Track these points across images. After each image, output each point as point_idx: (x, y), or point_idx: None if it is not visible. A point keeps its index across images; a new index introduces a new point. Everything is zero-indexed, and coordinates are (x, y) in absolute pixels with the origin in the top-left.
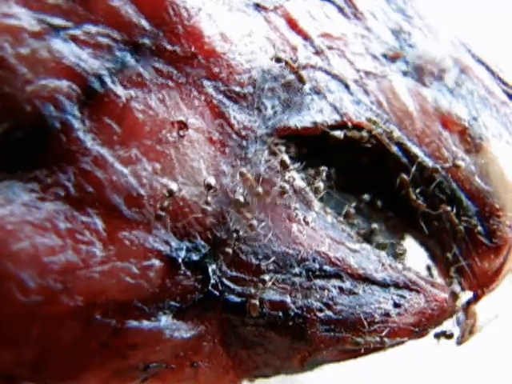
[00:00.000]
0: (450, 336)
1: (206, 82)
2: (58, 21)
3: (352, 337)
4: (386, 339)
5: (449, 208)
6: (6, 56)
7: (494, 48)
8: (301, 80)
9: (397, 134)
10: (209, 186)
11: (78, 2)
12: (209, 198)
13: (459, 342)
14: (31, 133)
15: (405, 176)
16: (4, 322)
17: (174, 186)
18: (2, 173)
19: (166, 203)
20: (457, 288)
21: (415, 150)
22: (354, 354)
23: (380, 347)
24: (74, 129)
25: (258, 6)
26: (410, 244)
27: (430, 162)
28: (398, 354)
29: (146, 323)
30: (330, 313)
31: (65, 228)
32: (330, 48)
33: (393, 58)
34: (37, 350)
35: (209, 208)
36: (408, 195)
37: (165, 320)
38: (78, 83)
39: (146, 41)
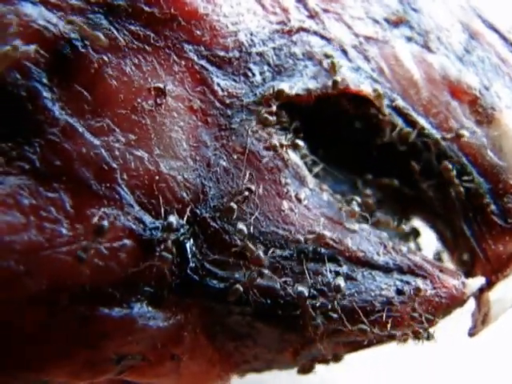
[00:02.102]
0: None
1: (186, 46)
2: None
3: (351, 327)
4: (388, 330)
5: (458, 183)
6: None
7: (506, 13)
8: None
9: (401, 103)
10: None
11: None
12: (188, 173)
13: (471, 334)
14: None
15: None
16: None
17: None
18: None
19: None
20: (468, 274)
21: (421, 120)
22: (354, 346)
23: (382, 339)
24: (41, 97)
25: None
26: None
27: (437, 134)
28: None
29: (117, 310)
30: (324, 300)
31: (29, 204)
32: (325, 11)
33: (396, 23)
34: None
35: (187, 183)
36: (413, 171)
37: (138, 307)
38: (47, 48)
39: (122, 2)
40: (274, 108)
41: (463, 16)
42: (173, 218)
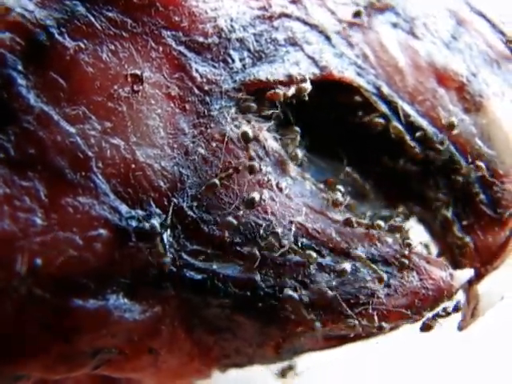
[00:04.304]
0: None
1: (164, 32)
2: None
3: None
4: (376, 323)
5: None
6: None
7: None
8: None
9: (386, 90)
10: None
11: None
12: (165, 161)
13: (460, 327)
14: None
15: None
16: None
17: None
18: None
19: None
20: (457, 265)
21: (406, 108)
22: (339, 341)
23: (370, 332)
24: (16, 85)
25: None
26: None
27: (423, 122)
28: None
29: (91, 302)
30: (306, 292)
31: (2, 193)
32: None
33: (381, 9)
34: None
35: (165, 171)
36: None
37: (113, 299)
38: (22, 35)
39: None
40: (254, 94)
41: (451, 3)
42: (150, 208)
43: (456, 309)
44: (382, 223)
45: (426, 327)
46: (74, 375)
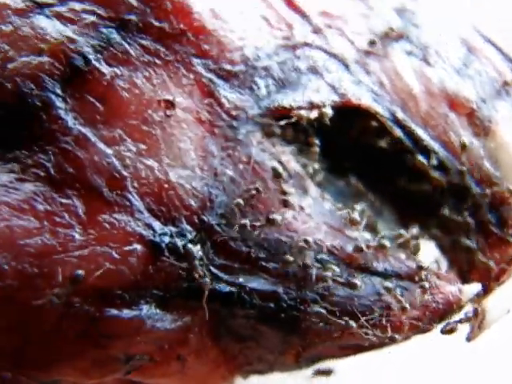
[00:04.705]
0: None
1: (195, 60)
2: None
3: (351, 330)
4: (389, 334)
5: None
6: None
7: (503, 29)
8: None
9: (400, 115)
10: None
11: None
12: (195, 182)
13: (469, 338)
14: (12, 111)
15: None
16: None
17: None
18: None
19: None
20: (465, 280)
21: (420, 132)
22: (354, 350)
23: (383, 342)
24: (55, 107)
25: None
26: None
27: (435, 145)
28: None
29: (126, 312)
30: (325, 304)
31: (43, 210)
32: (328, 26)
33: (396, 38)
34: (15, 339)
35: (195, 191)
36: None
37: (147, 309)
38: (61, 60)
39: (133, 17)
40: (278, 120)
41: (462, 31)
42: (181, 225)
43: (475, 314)
44: (395, 240)
45: (447, 330)
46: (106, 380)
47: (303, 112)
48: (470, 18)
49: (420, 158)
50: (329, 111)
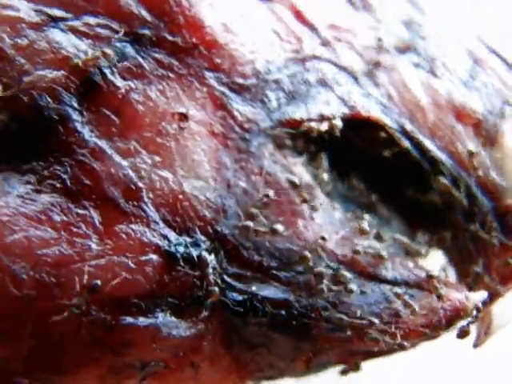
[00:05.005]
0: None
1: (207, 74)
2: (57, 12)
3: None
4: (398, 340)
5: (464, 203)
6: (3, 47)
7: (504, 32)
8: None
9: (408, 127)
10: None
11: None
12: (209, 193)
13: (475, 344)
14: (28, 124)
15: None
16: None
17: None
18: None
19: None
20: (472, 288)
21: (427, 143)
22: (364, 355)
23: (392, 349)
24: (71, 120)
25: None
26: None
27: (442, 156)
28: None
29: (142, 320)
30: (335, 312)
31: (60, 221)
32: (337, 39)
33: (404, 50)
34: (31, 345)
35: (209, 202)
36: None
37: (162, 317)
38: (76, 74)
39: (147, 31)
40: (289, 132)
41: (468, 43)
42: (195, 235)
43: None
44: (404, 248)
45: (462, 334)
46: None
47: (313, 124)
48: (471, 22)
49: (427, 168)
50: (339, 123)
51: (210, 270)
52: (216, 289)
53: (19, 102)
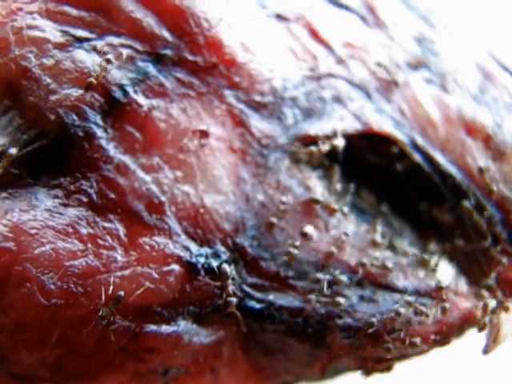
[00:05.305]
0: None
1: (226, 92)
2: (81, 32)
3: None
4: (407, 347)
5: (476, 216)
6: (30, 66)
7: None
8: None
9: (420, 141)
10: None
11: (101, 14)
12: (229, 206)
13: (485, 351)
14: (55, 141)
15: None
16: (26, 324)
17: None
18: (27, 179)
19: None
20: (481, 297)
21: (438, 157)
22: (376, 361)
23: (403, 355)
24: (96, 137)
25: (279, 17)
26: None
27: (453, 170)
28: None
29: (164, 328)
30: (349, 320)
31: (86, 233)
32: (351, 57)
33: (416, 66)
34: (57, 353)
35: (229, 215)
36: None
37: (184, 325)
38: (100, 93)
39: (168, 51)
40: (305, 147)
41: (478, 58)
42: (216, 246)
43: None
44: (415, 258)
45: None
46: None
47: (328, 139)
48: (482, 36)
49: (438, 181)
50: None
51: (230, 280)
52: (234, 299)
53: (46, 120)
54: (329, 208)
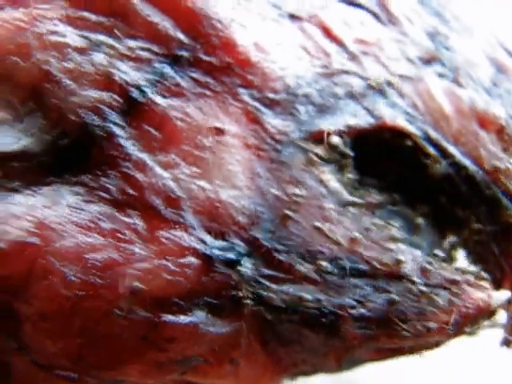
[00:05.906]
0: None
1: (241, 90)
2: (100, 37)
3: (387, 334)
4: (421, 338)
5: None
6: (51, 70)
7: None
8: None
9: (433, 134)
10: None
11: (119, 19)
12: (244, 200)
13: (503, 343)
14: (76, 140)
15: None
16: (49, 314)
17: None
18: (50, 177)
19: None
20: (496, 287)
21: (452, 149)
22: (391, 353)
23: (416, 347)
24: (116, 136)
25: (292, 17)
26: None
27: (466, 161)
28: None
29: (182, 318)
30: (362, 310)
31: (107, 228)
32: (364, 53)
33: (429, 61)
34: (79, 342)
35: (244, 209)
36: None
37: (201, 315)
38: (119, 94)
39: (184, 53)
40: (318, 142)
41: (491, 51)
42: (231, 239)
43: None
44: (429, 250)
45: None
46: (164, 380)
47: (341, 134)
48: (495, 28)
49: (453, 173)
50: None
51: (245, 272)
52: (250, 290)
53: (67, 121)
54: (342, 201)
